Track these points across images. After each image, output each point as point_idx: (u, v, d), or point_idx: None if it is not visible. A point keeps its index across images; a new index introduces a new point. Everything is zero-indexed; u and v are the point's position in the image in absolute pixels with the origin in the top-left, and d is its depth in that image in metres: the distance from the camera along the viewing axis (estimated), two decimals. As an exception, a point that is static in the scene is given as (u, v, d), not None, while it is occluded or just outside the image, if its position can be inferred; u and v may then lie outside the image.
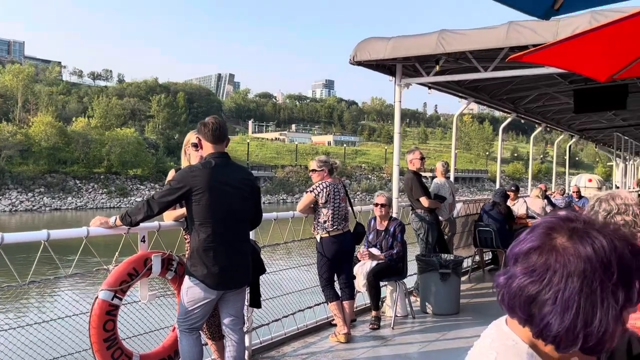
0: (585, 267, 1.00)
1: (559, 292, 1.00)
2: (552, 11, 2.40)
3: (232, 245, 3.71)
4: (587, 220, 1.08)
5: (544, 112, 11.28)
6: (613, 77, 3.93)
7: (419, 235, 6.97)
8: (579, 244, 1.02)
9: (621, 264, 1.00)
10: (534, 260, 1.04)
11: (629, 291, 1.00)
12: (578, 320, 0.99)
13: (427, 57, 6.37)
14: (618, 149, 16.11)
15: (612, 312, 0.99)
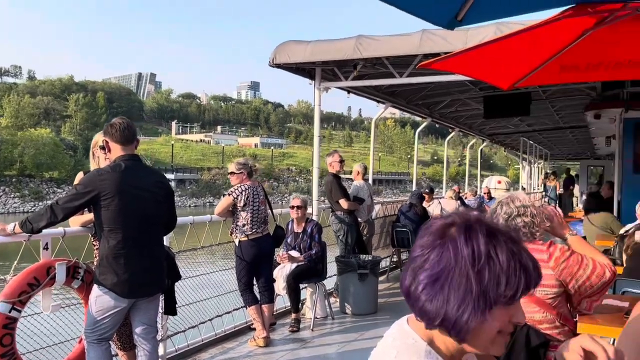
0: (458, 260, 1.06)
1: (434, 279, 1.07)
2: (456, 22, 2.43)
3: (144, 251, 3.53)
4: (481, 221, 1.13)
5: (457, 117, 11.73)
6: (515, 86, 4.09)
7: (338, 236, 7.01)
8: (462, 240, 1.08)
9: (492, 265, 1.06)
10: (427, 245, 1.12)
11: (498, 289, 1.06)
12: (446, 307, 1.06)
13: (346, 61, 6.43)
14: (524, 153, 17.08)
15: (475, 305, 1.05)
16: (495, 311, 1.07)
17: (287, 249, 6.07)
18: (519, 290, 1.08)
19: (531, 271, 1.11)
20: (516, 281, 1.07)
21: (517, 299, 1.09)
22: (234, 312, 5.76)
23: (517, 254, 1.10)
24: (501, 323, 1.10)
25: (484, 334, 1.10)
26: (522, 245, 1.14)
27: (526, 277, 1.09)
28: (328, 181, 7.00)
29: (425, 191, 9.68)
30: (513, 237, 1.14)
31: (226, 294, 5.78)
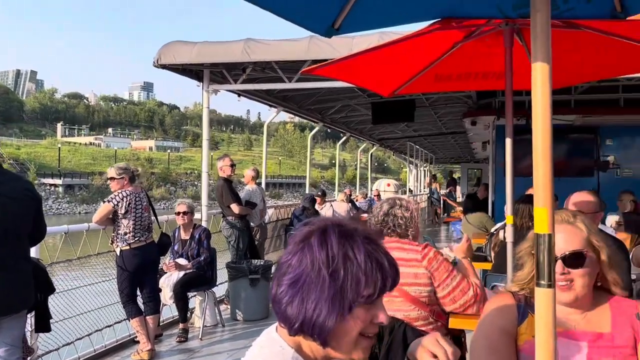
0: (314, 263, 1.06)
1: (293, 283, 1.07)
2: (333, 30, 2.42)
3: (6, 265, 3.18)
4: (338, 224, 1.12)
5: (348, 122, 12.00)
6: (395, 93, 4.20)
7: (229, 242, 6.85)
8: (317, 243, 1.08)
9: (348, 265, 1.05)
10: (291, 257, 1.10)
11: (356, 289, 1.05)
12: (304, 310, 1.05)
13: (235, 64, 6.31)
14: (411, 157, 17.90)
15: (331, 306, 1.04)
16: (355, 312, 1.07)
17: (173, 257, 5.81)
18: (377, 289, 1.07)
19: (387, 270, 1.10)
20: (373, 280, 1.07)
21: (376, 298, 1.09)
22: (116, 325, 5.40)
23: (374, 253, 1.09)
24: (363, 324, 1.09)
25: (346, 336, 1.09)
26: (381, 245, 1.13)
27: (383, 276, 1.08)
28: (219, 186, 6.82)
29: (318, 194, 9.78)
30: (371, 237, 1.13)
31: (107, 306, 5.41)
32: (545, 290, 1.38)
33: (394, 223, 2.88)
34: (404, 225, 2.88)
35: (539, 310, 1.39)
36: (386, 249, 1.15)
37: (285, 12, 2.13)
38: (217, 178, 7.04)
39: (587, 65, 3.76)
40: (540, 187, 1.40)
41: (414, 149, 16.82)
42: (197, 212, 6.43)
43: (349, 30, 2.52)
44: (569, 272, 1.66)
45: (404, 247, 2.79)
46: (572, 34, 3.08)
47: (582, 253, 1.67)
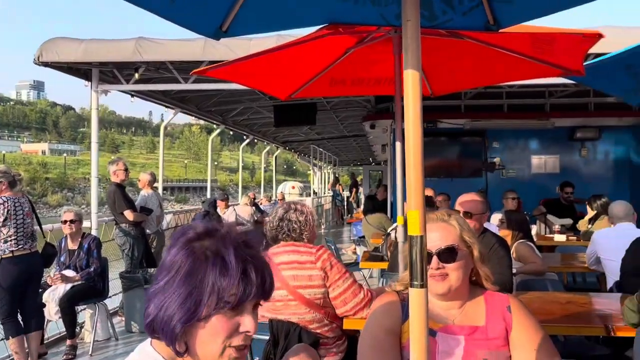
0: (174, 268, 1.04)
1: (157, 289, 1.05)
2: (221, 32, 2.31)
3: None
4: (206, 230, 1.09)
5: (251, 124, 11.83)
6: (292, 96, 4.16)
7: (123, 250, 6.45)
8: (178, 249, 1.06)
9: (208, 270, 1.03)
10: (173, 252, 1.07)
11: (215, 295, 1.02)
12: (160, 315, 1.03)
13: (126, 63, 5.94)
14: (315, 159, 18.05)
15: (184, 312, 1.01)
16: (213, 319, 1.02)
17: (59, 268, 5.35)
18: (238, 297, 1.03)
19: (252, 278, 1.05)
20: (235, 287, 1.03)
21: (241, 307, 1.05)
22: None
23: (241, 260, 1.05)
24: (225, 332, 1.04)
25: (207, 345, 1.04)
26: (255, 252, 1.10)
27: (246, 284, 1.04)
28: (111, 191, 6.39)
29: (221, 198, 9.51)
30: (245, 243, 1.09)
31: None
32: (418, 290, 1.41)
33: (289, 227, 2.89)
34: (299, 229, 2.89)
35: (412, 309, 1.41)
36: (265, 256, 1.13)
37: (171, 14, 2.03)
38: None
39: (471, 72, 3.93)
40: (412, 191, 1.42)
41: (318, 151, 16.98)
42: (87, 220, 5.98)
43: (238, 33, 2.45)
44: (443, 267, 1.73)
45: (300, 249, 2.81)
46: (457, 43, 3.20)
47: (454, 248, 1.75)
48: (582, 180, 8.61)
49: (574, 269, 5.43)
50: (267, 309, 2.74)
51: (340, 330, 2.85)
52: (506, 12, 2.21)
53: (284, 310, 2.73)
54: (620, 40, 3.50)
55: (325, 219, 17.96)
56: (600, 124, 9.10)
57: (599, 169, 9.42)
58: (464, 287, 1.78)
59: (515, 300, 1.82)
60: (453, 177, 9.09)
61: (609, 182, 9.12)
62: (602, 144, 9.43)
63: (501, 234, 4.34)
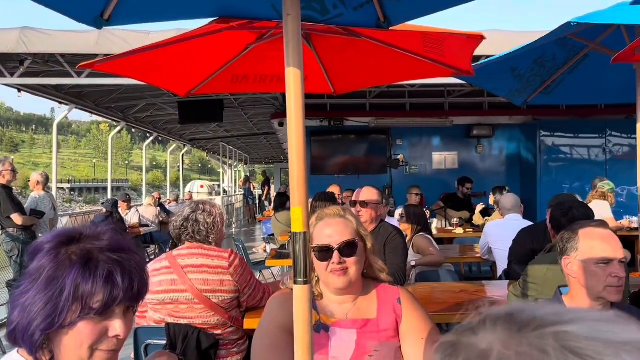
0: (34, 274, 1.01)
1: (19, 296, 1.01)
2: (103, 21, 2.14)
3: None
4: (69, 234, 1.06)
5: (155, 121, 11.37)
6: (191, 93, 4.00)
7: (11, 257, 5.93)
8: (42, 254, 1.02)
9: (69, 275, 0.99)
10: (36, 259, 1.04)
11: (80, 300, 0.99)
12: (19, 317, 0.99)
13: (10, 55, 5.45)
14: (225, 157, 17.70)
15: (44, 319, 0.98)
16: (78, 325, 0.99)
17: None
18: (103, 302, 1.00)
19: (118, 282, 1.02)
20: (100, 292, 1.00)
21: (109, 311, 1.02)
22: None
23: (106, 264, 1.02)
24: (92, 337, 1.01)
25: (72, 351, 1.01)
26: (123, 256, 1.05)
27: (112, 289, 1.01)
28: (-5, 194, 5.84)
29: (121, 199, 9.00)
30: (114, 247, 1.06)
31: None
32: (302, 287, 1.40)
33: (194, 229, 2.78)
34: (205, 231, 2.79)
35: (296, 305, 1.40)
36: (135, 259, 1.08)
37: (47, 0, 1.85)
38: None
39: (371, 71, 3.98)
40: (295, 188, 1.40)
41: (227, 149, 16.66)
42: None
43: (121, 22, 2.29)
44: (344, 261, 1.75)
45: (210, 254, 2.73)
46: (356, 42, 3.22)
47: (354, 242, 1.77)
48: (479, 175, 9.12)
49: (470, 259, 5.71)
50: (169, 313, 2.64)
51: (241, 330, 2.82)
52: (395, 10, 2.24)
53: (188, 314, 2.65)
54: (511, 44, 3.69)
55: (236, 218, 17.68)
56: (494, 122, 9.66)
57: (493, 164, 10.01)
58: (358, 281, 1.81)
59: (405, 292, 1.87)
60: (360, 174, 9.26)
61: (502, 176, 9.71)
62: (495, 141, 10.02)
63: (401, 227, 4.46)
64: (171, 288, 2.65)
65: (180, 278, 2.65)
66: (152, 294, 2.61)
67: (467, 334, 0.54)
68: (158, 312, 2.67)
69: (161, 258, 2.77)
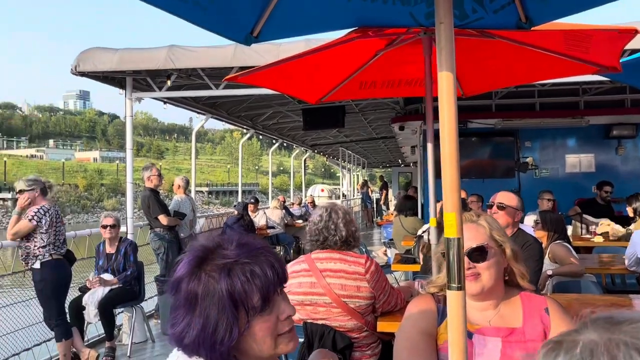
0: (189, 294, 1.05)
1: (187, 311, 1.05)
2: (252, 38, 2.28)
3: None
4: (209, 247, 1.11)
5: (280, 128, 11.81)
6: (321, 100, 4.10)
7: (158, 254, 6.48)
8: (185, 285, 1.06)
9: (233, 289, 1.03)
10: (183, 288, 1.07)
11: (245, 304, 1.03)
12: (203, 335, 1.02)
13: (159, 71, 5.98)
14: (344, 161, 17.91)
15: (223, 330, 1.02)
16: (254, 326, 1.05)
17: (98, 272, 5.40)
18: (264, 296, 1.05)
19: (266, 275, 1.06)
20: (257, 290, 1.04)
21: (270, 302, 1.07)
22: (23, 353, 4.91)
23: (249, 263, 1.06)
24: (270, 330, 1.07)
25: (258, 349, 1.07)
26: (252, 249, 1.10)
27: (264, 282, 1.06)
28: (145, 196, 6.43)
29: (250, 202, 9.46)
30: (241, 244, 1.11)
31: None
32: (456, 293, 1.40)
33: (333, 234, 2.79)
34: (344, 236, 2.79)
35: (450, 311, 1.40)
36: (265, 246, 1.12)
37: (203, 21, 2.02)
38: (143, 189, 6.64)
39: (503, 71, 3.80)
40: (448, 193, 1.40)
41: (346, 154, 16.82)
42: (123, 224, 6.03)
43: (268, 38, 2.43)
44: (474, 267, 1.72)
45: (347, 259, 2.74)
46: (488, 42, 3.08)
47: (483, 247, 1.74)
48: (620, 179, 8.26)
49: (613, 270, 5.18)
50: (307, 313, 2.71)
51: (375, 335, 2.82)
52: (539, 10, 2.12)
53: (326, 316, 2.70)
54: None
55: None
56: (638, 121, 8.72)
57: (638, 167, 9.01)
58: (498, 287, 1.76)
59: (553, 302, 1.79)
60: (484, 178, 8.84)
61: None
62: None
63: (536, 235, 4.16)
64: (310, 290, 2.71)
65: (318, 281, 2.69)
66: (291, 294, 2.68)
67: (571, 334, 0.61)
68: (297, 312, 2.74)
69: (300, 260, 2.83)
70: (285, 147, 13.37)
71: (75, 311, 5.07)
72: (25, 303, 4.92)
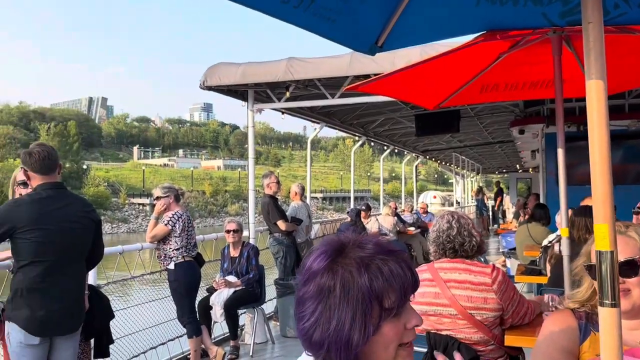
0: (322, 288, 0.98)
1: (315, 308, 0.98)
2: (377, 47, 2.24)
3: (63, 285, 3.07)
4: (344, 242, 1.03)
5: (391, 135, 11.62)
6: (440, 106, 3.95)
7: (277, 258, 6.60)
8: (323, 267, 0.99)
9: (359, 283, 0.97)
10: (315, 280, 1.00)
11: (378, 305, 0.97)
12: (331, 334, 0.97)
13: (278, 83, 6.12)
14: (457, 167, 17.19)
15: (360, 326, 0.96)
16: (384, 329, 0.98)
17: (223, 274, 5.61)
18: (397, 300, 0.99)
19: (404, 278, 1.00)
20: (393, 290, 0.98)
21: (402, 306, 1.00)
22: (160, 347, 5.20)
23: (386, 264, 0.99)
24: (397, 336, 1.01)
25: (380, 355, 1.00)
26: (387, 251, 1.02)
27: (402, 285, 0.99)
28: (265, 203, 6.60)
29: (362, 208, 9.34)
30: (379, 244, 1.03)
31: (158, 325, 5.24)
32: (610, 310, 1.28)
33: (458, 243, 2.61)
34: (469, 246, 2.62)
35: (604, 330, 1.29)
36: (402, 257, 1.04)
37: (329, 33, 2.02)
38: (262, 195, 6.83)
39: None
40: (599, 202, 1.29)
41: (460, 159, 16.12)
42: (245, 229, 6.23)
43: (393, 47, 2.31)
44: (624, 282, 1.59)
45: (472, 269, 2.56)
46: (624, 38, 2.73)
47: (634, 261, 1.60)
48: None
49: None
50: (431, 324, 2.57)
51: (502, 349, 2.61)
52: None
53: (451, 327, 2.54)
54: None
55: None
56: None
57: None
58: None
59: None
60: (615, 184, 7.90)
61: None
62: None
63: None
64: (434, 301, 2.55)
65: (443, 292, 2.53)
66: (415, 304, 2.53)
67: None
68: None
69: (422, 269, 2.66)
70: (396, 154, 13.15)
71: (203, 310, 5.30)
72: (162, 300, 5.22)
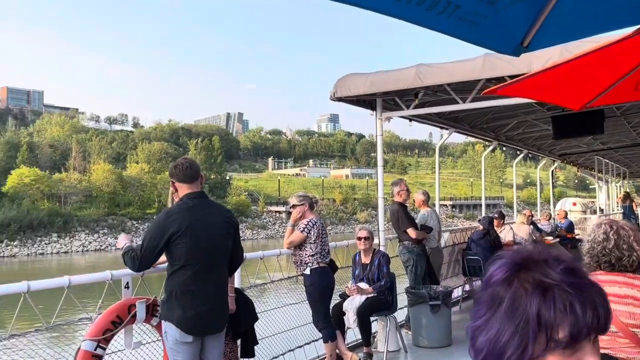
0: (493, 297, 0.91)
1: (484, 315, 0.92)
2: (522, 48, 2.07)
3: (210, 288, 3.28)
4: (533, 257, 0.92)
5: (525, 138, 10.73)
6: (587, 106, 3.54)
7: (407, 267, 6.37)
8: (501, 276, 0.92)
9: (529, 302, 0.87)
10: (492, 286, 0.94)
11: (550, 332, 0.86)
12: (488, 344, 0.90)
13: (406, 90, 5.92)
14: (599, 172, 15.37)
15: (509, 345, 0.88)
16: (549, 357, 0.86)
17: (355, 281, 5.54)
18: (572, 334, 0.85)
19: (583, 314, 0.86)
20: (568, 324, 0.85)
21: (578, 343, 0.86)
22: (297, 350, 5.25)
23: (572, 293, 0.87)
24: None
25: None
26: (581, 281, 0.90)
27: (577, 321, 0.86)
28: (394, 210, 6.41)
29: (495, 216, 8.65)
30: (570, 269, 0.91)
31: (295, 328, 5.32)
32: None
33: (615, 257, 2.28)
34: (629, 261, 2.28)
35: None
36: (595, 284, 0.92)
37: (474, 37, 1.94)
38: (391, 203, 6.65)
39: None
40: None
41: (603, 163, 14.36)
42: (375, 236, 6.11)
43: (539, 46, 2.09)
44: None
45: (634, 283, 2.23)
46: None
47: None
48: None
49: None
50: None
51: None
52: None
53: (609, 346, 2.23)
54: None
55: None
56: None
57: None
58: None
59: None
60: None
61: None
62: None
63: None
64: None
65: None
66: None
67: None
68: None
69: None
70: (530, 158, 12.12)
71: (337, 316, 5.26)
72: (297, 305, 5.30)
